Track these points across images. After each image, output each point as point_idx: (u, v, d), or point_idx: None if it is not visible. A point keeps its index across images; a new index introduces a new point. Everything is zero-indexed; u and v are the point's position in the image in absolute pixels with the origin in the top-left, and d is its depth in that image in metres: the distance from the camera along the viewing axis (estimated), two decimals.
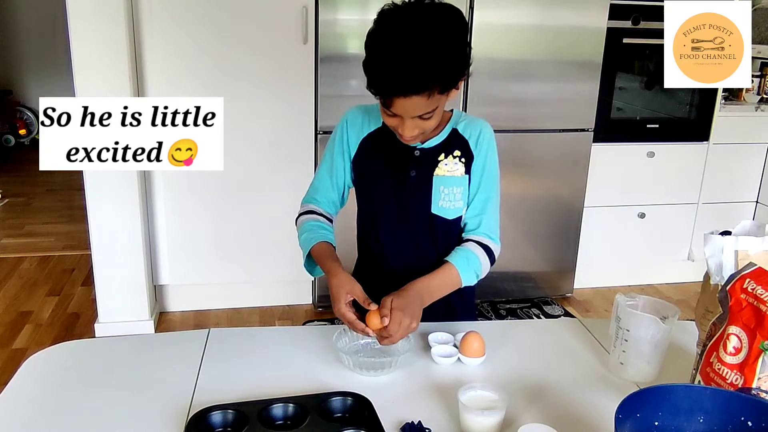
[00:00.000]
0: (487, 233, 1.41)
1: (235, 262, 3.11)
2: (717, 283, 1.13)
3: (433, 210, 1.40)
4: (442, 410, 1.12)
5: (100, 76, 2.60)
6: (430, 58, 1.16)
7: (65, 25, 2.55)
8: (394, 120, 1.27)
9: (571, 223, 3.35)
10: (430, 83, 1.18)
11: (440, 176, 1.39)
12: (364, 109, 1.45)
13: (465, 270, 1.37)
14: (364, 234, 1.52)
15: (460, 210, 1.41)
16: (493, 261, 1.42)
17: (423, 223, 1.41)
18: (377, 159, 1.43)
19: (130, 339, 1.62)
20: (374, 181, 1.44)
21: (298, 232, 1.47)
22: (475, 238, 1.40)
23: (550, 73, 3.11)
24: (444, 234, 1.42)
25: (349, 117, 1.46)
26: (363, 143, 1.43)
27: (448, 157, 1.39)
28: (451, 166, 1.39)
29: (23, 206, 4.76)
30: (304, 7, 2.80)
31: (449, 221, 1.41)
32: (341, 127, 1.45)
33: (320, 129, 2.95)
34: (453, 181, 1.39)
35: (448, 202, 1.39)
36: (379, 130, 1.42)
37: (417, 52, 1.16)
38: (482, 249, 1.39)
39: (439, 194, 1.39)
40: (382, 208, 1.44)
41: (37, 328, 3.02)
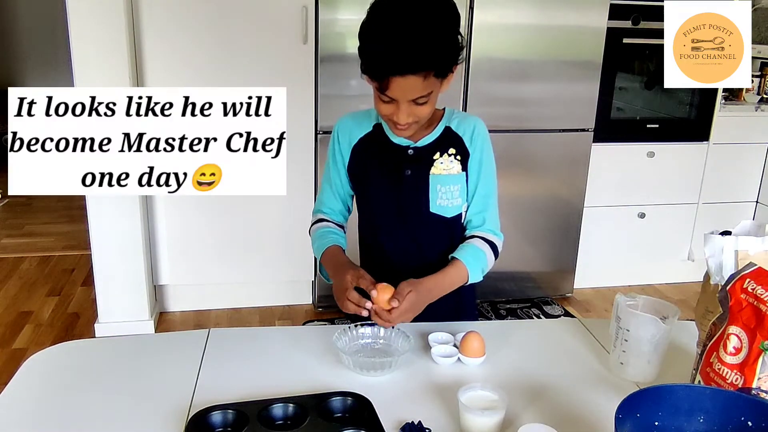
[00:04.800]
0: (492, 229, 1.43)
1: (235, 262, 3.11)
2: (717, 283, 1.13)
3: (432, 209, 1.40)
4: (442, 410, 1.12)
5: (101, 76, 2.60)
6: (426, 37, 1.19)
7: (65, 25, 2.55)
8: (389, 107, 1.27)
9: (571, 223, 3.35)
10: (426, 62, 1.20)
11: (437, 175, 1.39)
12: (351, 117, 1.47)
13: (473, 267, 1.38)
14: (364, 237, 1.52)
15: (459, 207, 1.42)
16: (497, 256, 1.44)
17: (422, 223, 1.41)
18: (371, 162, 1.43)
19: (130, 339, 1.62)
20: (370, 184, 1.45)
21: (312, 240, 1.49)
22: (481, 234, 1.42)
23: (550, 73, 3.11)
24: (444, 232, 1.43)
25: (338, 126, 1.47)
26: (355, 149, 1.44)
27: (443, 155, 1.39)
28: (447, 164, 1.39)
29: (23, 206, 4.76)
30: (304, 7, 2.80)
31: (448, 219, 1.42)
32: (333, 137, 1.47)
33: (320, 129, 2.95)
34: (450, 180, 1.39)
35: (447, 200, 1.40)
36: (369, 134, 1.43)
37: (413, 32, 1.18)
38: (488, 245, 1.41)
39: (437, 193, 1.39)
40: (381, 210, 1.45)
41: (37, 328, 3.02)
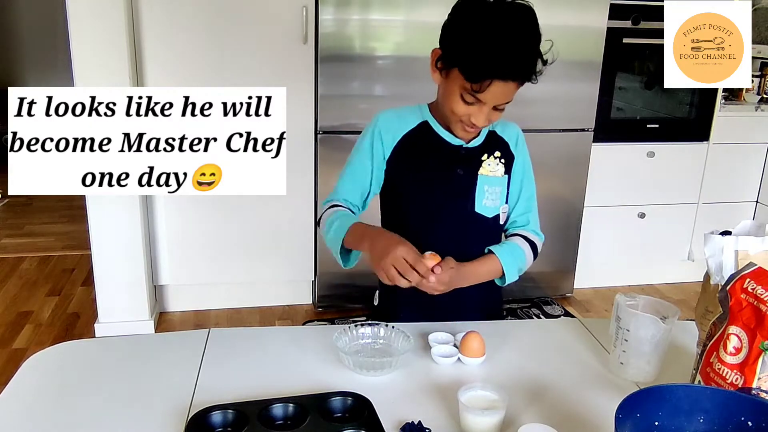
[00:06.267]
0: (534, 229, 1.50)
1: (235, 262, 3.11)
2: (717, 283, 1.13)
3: (477, 209, 1.43)
4: (442, 410, 1.12)
5: (101, 76, 2.59)
6: (532, 47, 1.25)
7: (65, 25, 2.55)
8: (470, 108, 1.29)
9: (571, 223, 3.35)
10: (529, 72, 1.25)
11: (484, 175, 1.43)
12: (395, 112, 1.46)
13: (509, 264, 1.42)
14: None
15: (497, 209, 1.45)
16: (537, 256, 1.50)
17: (464, 222, 1.43)
18: (418, 158, 1.43)
19: (130, 339, 1.62)
20: (414, 181, 1.44)
21: (327, 225, 1.42)
22: (523, 233, 1.48)
23: (550, 73, 3.08)
24: (484, 232, 1.46)
25: (380, 120, 1.45)
26: (400, 144, 1.43)
27: (490, 157, 1.43)
28: (494, 166, 1.44)
29: (23, 206, 4.76)
30: (304, 6, 2.80)
31: (489, 219, 1.45)
32: (371, 131, 1.44)
33: (320, 129, 2.94)
34: (495, 181, 1.44)
35: (491, 201, 1.44)
36: (415, 130, 1.43)
37: (521, 38, 1.23)
38: (528, 245, 1.46)
39: (484, 193, 1.43)
40: (418, 207, 1.44)
41: (37, 328, 3.02)
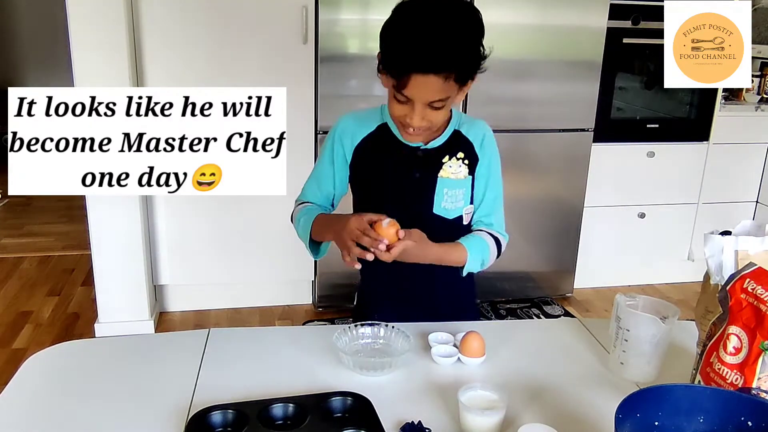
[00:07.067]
0: (499, 230, 1.46)
1: (235, 262, 3.11)
2: (717, 283, 1.13)
3: (435, 210, 1.41)
4: (442, 410, 1.12)
5: (101, 76, 2.59)
6: (451, 39, 1.20)
7: (65, 25, 2.55)
8: (404, 108, 1.27)
9: (571, 223, 3.35)
10: (449, 63, 1.20)
11: (445, 178, 1.40)
12: (354, 115, 1.46)
13: (473, 253, 1.39)
14: None
15: (461, 210, 1.43)
16: (500, 254, 1.46)
17: (423, 224, 1.41)
18: (376, 161, 1.42)
19: (130, 339, 1.62)
20: (375, 184, 1.44)
21: (296, 221, 1.47)
22: (487, 230, 1.45)
23: (550, 73, 3.11)
24: (445, 233, 1.43)
25: (340, 125, 1.46)
26: (359, 147, 1.43)
27: (452, 159, 1.40)
28: (455, 168, 1.40)
29: (23, 206, 4.76)
30: (304, 6, 2.80)
31: (450, 221, 1.42)
32: (332, 135, 1.46)
33: (320, 129, 2.94)
34: (457, 184, 1.40)
35: (451, 203, 1.41)
36: (373, 133, 1.43)
37: (440, 32, 1.19)
38: (493, 240, 1.44)
39: (443, 196, 1.40)
40: (381, 209, 1.44)
41: (37, 328, 3.02)
